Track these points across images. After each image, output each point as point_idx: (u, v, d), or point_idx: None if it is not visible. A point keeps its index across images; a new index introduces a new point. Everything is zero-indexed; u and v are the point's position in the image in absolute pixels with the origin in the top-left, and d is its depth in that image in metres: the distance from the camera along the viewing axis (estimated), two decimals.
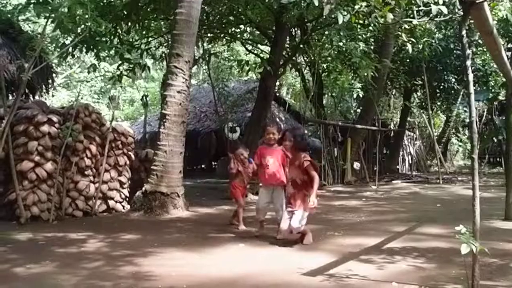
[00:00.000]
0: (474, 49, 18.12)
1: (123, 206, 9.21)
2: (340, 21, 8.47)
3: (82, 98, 23.70)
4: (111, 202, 8.98)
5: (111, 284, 4.04)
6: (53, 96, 23.67)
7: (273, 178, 6.29)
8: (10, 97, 11.01)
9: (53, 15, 7.92)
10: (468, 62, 3.55)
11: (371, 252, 5.23)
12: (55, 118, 8.28)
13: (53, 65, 15.05)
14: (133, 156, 9.63)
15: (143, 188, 8.70)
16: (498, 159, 24.23)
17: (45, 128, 8.05)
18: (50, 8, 7.99)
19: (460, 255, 3.57)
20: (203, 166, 25.00)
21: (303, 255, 5.18)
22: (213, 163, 24.09)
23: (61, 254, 5.33)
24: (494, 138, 23.61)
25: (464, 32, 3.56)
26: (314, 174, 5.76)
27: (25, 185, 7.77)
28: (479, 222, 3.73)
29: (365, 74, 12.91)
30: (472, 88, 3.62)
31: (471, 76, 3.59)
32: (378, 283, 3.98)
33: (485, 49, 17.01)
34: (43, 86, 13.63)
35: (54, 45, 12.42)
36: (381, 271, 4.42)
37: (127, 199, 9.32)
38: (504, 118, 12.57)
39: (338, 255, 5.06)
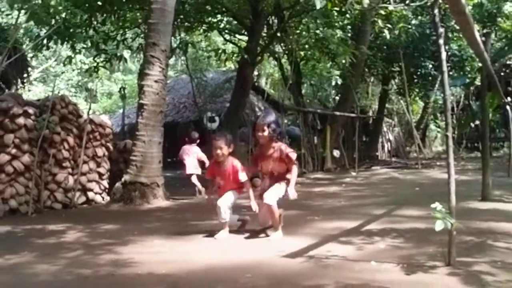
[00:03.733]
0: (450, 35, 18.29)
1: (103, 198, 9.18)
2: (318, 6, 8.48)
3: (59, 92, 23.45)
4: (90, 194, 8.95)
5: (91, 272, 4.02)
6: (29, 90, 23.38)
7: (225, 190, 5.56)
8: None
9: (26, 6, 7.81)
10: (441, 41, 3.58)
11: (350, 234, 5.27)
12: (31, 110, 8.19)
13: (28, 58, 14.83)
14: (111, 147, 9.59)
15: (123, 179, 8.67)
16: (475, 144, 24.53)
17: (21, 120, 7.97)
18: None
19: (437, 234, 3.63)
20: None
21: (283, 239, 5.20)
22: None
23: (40, 245, 5.29)
24: (471, 123, 23.96)
25: (436, 11, 3.60)
26: (294, 166, 5.43)
27: (2, 178, 7.70)
28: (454, 200, 3.79)
29: (343, 61, 12.97)
30: (445, 66, 3.66)
31: (444, 54, 3.62)
32: (357, 262, 4.02)
33: (461, 35, 17.19)
34: (19, 80, 13.46)
35: (28, 36, 12.25)
36: (360, 251, 4.47)
37: (106, 190, 9.29)
38: (480, 103, 12.72)
39: (317, 238, 5.09)
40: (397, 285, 3.32)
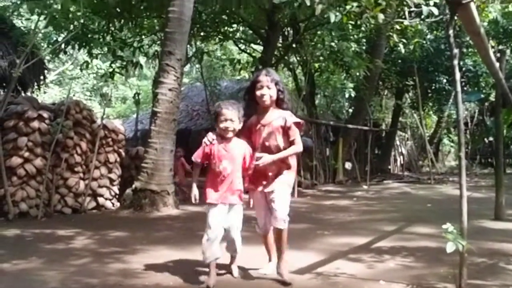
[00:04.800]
0: (465, 50, 18.19)
1: (113, 204, 9.20)
2: (332, 21, 8.50)
3: (74, 95, 23.65)
4: (100, 199, 8.98)
5: (98, 281, 4.02)
6: (45, 93, 23.55)
7: (230, 190, 4.06)
8: (1, 93, 10.92)
9: (45, 11, 7.90)
10: (455, 62, 3.56)
11: (360, 251, 5.23)
12: (45, 114, 8.26)
13: (45, 61, 14.96)
14: (123, 153, 9.62)
15: (133, 186, 8.69)
16: (489, 160, 24.34)
17: (35, 124, 8.03)
18: (43, 4, 7.96)
19: (449, 254, 3.58)
20: None
21: (292, 254, 5.14)
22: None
23: (49, 251, 5.30)
24: (485, 139, 23.77)
25: (451, 32, 3.58)
26: (298, 141, 4.14)
27: (14, 181, 7.75)
28: (466, 221, 3.74)
29: (357, 73, 12.96)
30: (459, 87, 3.63)
31: (458, 75, 3.60)
32: (366, 281, 3.98)
33: (475, 50, 17.08)
34: (35, 83, 13.55)
35: (46, 41, 12.38)
36: (369, 269, 4.43)
37: (117, 196, 9.31)
38: (494, 119, 12.61)
39: (326, 254, 5.06)
40: None
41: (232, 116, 4.06)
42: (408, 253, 5.08)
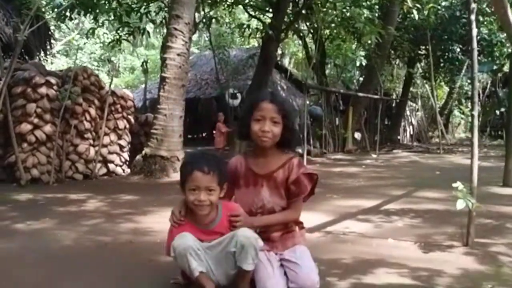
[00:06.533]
0: (481, 18, 17.87)
1: (123, 170, 9.28)
2: None
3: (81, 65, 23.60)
4: (111, 166, 9.05)
5: (110, 239, 4.07)
6: (52, 63, 23.54)
7: None
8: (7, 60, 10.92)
9: None
10: (473, 16, 3.49)
11: (369, 213, 5.24)
12: (53, 80, 8.25)
13: (51, 29, 14.86)
14: (132, 120, 9.64)
15: (143, 152, 8.72)
16: (499, 132, 24.10)
17: (43, 90, 8.03)
18: None
19: (456, 216, 3.58)
20: (204, 134, 24.96)
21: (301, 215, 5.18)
22: (214, 131, 24.06)
23: (61, 212, 5.37)
24: (496, 111, 23.53)
25: None
26: (298, 207, 2.83)
27: (24, 148, 7.79)
28: (476, 180, 3.74)
29: (369, 41, 12.80)
30: (475, 43, 3.57)
31: (475, 31, 3.54)
32: (374, 239, 4.00)
33: (491, 19, 16.82)
34: (41, 51, 13.48)
35: (50, 5, 12.24)
36: (377, 229, 4.44)
37: (127, 162, 9.38)
38: (507, 90, 12.45)
39: (336, 215, 5.07)
40: (414, 261, 3.28)
41: (208, 182, 2.45)
42: (416, 215, 5.09)
